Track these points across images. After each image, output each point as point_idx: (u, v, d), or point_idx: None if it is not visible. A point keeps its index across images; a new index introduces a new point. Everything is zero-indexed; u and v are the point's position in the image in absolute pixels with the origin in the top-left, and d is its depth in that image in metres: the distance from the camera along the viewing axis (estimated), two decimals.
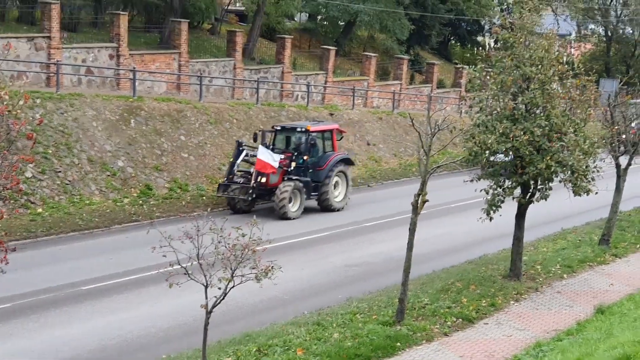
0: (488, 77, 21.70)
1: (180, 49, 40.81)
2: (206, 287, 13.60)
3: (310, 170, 32.27)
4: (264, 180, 30.32)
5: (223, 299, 13.81)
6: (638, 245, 27.60)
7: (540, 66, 20.76)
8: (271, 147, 32.08)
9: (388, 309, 19.07)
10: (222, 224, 13.64)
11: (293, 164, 31.54)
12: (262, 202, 31.69)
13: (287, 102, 46.15)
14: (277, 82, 47.42)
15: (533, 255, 25.10)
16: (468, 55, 77.18)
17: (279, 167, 30.63)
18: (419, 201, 18.32)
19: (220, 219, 13.98)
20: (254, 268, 13.66)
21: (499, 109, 20.88)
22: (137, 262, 22.98)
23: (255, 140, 32.23)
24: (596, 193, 21.43)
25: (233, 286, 13.61)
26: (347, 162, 33.93)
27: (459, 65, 65.89)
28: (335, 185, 32.81)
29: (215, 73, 43.34)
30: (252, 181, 30.21)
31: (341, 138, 35.24)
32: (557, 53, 21.50)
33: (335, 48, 53.94)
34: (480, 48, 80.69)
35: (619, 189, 26.44)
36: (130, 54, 37.97)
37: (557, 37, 22.74)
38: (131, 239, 25.94)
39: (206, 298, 13.69)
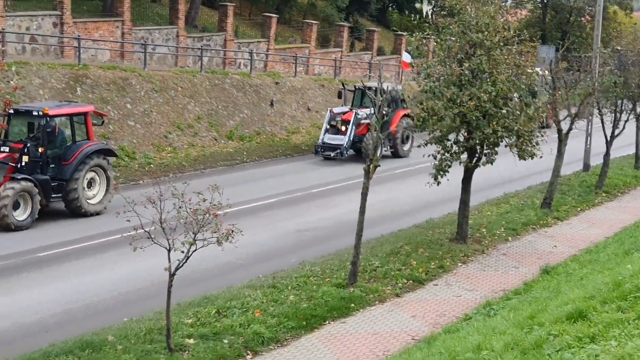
0: (435, 44, 22.21)
1: (124, 16, 40.52)
2: (169, 250, 13.88)
3: (52, 166, 24.91)
4: None
5: (186, 262, 14.12)
6: (579, 208, 28.53)
7: (486, 32, 21.27)
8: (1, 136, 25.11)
9: (340, 272, 19.51)
10: (184, 189, 13.92)
11: (25, 158, 23.95)
12: None
13: (230, 69, 46.19)
14: (220, 49, 47.39)
15: (478, 219, 25.78)
16: (408, 22, 77.69)
17: (1, 163, 23.61)
18: (371, 166, 18.76)
19: (181, 184, 14.25)
20: (215, 232, 13.97)
21: (446, 75, 21.34)
22: (93, 229, 23.28)
23: None
24: (541, 157, 22.13)
25: (195, 249, 13.94)
26: (107, 153, 26.70)
27: (398, 32, 66.31)
28: (91, 184, 25.61)
29: (159, 41, 43.15)
30: None
31: (102, 123, 29.00)
32: (502, 20, 22.01)
33: (277, 16, 53.98)
34: (420, 16, 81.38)
35: (560, 153, 27.21)
36: (73, 22, 37.66)
37: (502, 4, 23.31)
38: None
39: (169, 261, 13.97)
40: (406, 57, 44.06)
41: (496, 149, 22.11)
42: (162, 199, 13.74)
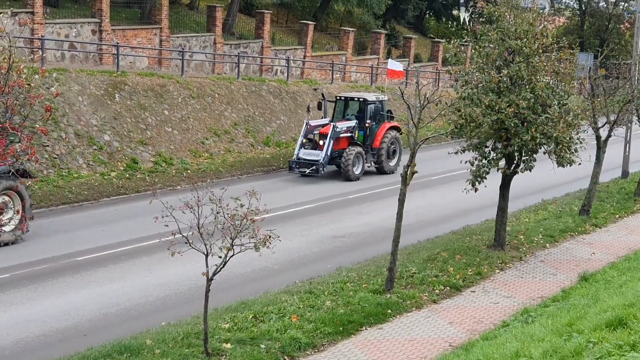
0: (473, 51, 22.18)
1: (161, 24, 40.88)
2: (207, 255, 13.95)
3: None
4: None
5: (223, 266, 14.17)
6: (617, 215, 28.28)
7: (525, 39, 21.19)
8: None
9: (377, 278, 19.49)
10: (221, 195, 14.00)
11: None
12: None
13: (267, 76, 46.42)
14: (257, 56, 47.62)
15: (515, 226, 25.67)
16: (445, 29, 77.53)
17: None
18: (408, 172, 18.72)
19: (219, 190, 14.33)
20: (252, 237, 14.02)
21: (484, 82, 21.26)
22: (129, 234, 23.40)
23: None
24: (579, 164, 21.98)
25: (233, 255, 14.00)
26: (22, 174, 22.17)
27: (435, 39, 66.25)
28: (1, 210, 21.61)
29: (196, 48, 43.48)
30: None
31: (18, 141, 21.21)
32: (541, 27, 21.91)
33: (314, 23, 54.12)
34: (457, 23, 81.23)
35: (599, 160, 27.04)
36: (112, 29, 38.03)
37: (540, 11, 23.21)
38: (120, 211, 26.28)
39: (207, 266, 14.04)
40: (392, 65, 42.32)
41: (534, 155, 22.00)
42: (199, 205, 13.80)
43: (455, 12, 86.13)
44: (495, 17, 21.80)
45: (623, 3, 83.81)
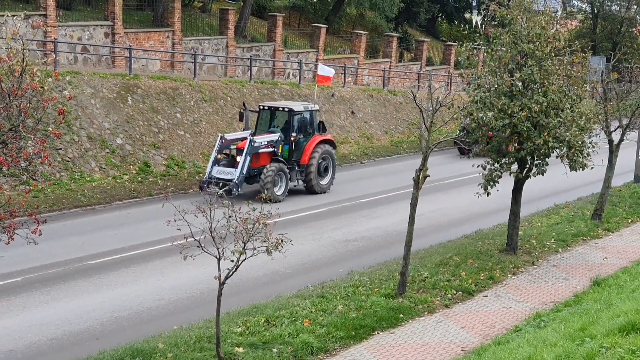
0: (485, 54, 22.17)
1: (174, 27, 41.01)
2: (219, 259, 13.93)
3: None
4: None
5: (235, 270, 14.15)
6: (630, 220, 28.20)
7: (537, 43, 21.14)
8: None
9: (389, 282, 19.48)
10: (233, 199, 13.99)
11: None
12: None
13: (279, 79, 46.46)
14: (269, 60, 47.68)
15: (528, 230, 25.62)
16: (457, 32, 77.57)
17: None
18: (421, 176, 18.70)
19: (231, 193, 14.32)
20: (264, 241, 14.01)
21: (496, 86, 21.22)
22: (141, 237, 23.42)
23: None
24: (592, 168, 21.93)
25: (245, 258, 13.98)
26: None
27: (448, 43, 66.21)
28: None
29: (208, 51, 43.55)
30: None
31: None
32: (554, 30, 21.87)
33: (326, 26, 54.15)
34: (469, 26, 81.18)
35: (611, 165, 26.97)
36: (125, 32, 38.15)
37: (553, 14, 23.16)
38: (133, 214, 26.35)
39: (219, 270, 14.02)
40: (322, 70, 40.86)
41: (547, 159, 21.95)
42: (211, 208, 13.80)
43: (467, 15, 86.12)
44: (507, 20, 21.75)
45: (636, 7, 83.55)
